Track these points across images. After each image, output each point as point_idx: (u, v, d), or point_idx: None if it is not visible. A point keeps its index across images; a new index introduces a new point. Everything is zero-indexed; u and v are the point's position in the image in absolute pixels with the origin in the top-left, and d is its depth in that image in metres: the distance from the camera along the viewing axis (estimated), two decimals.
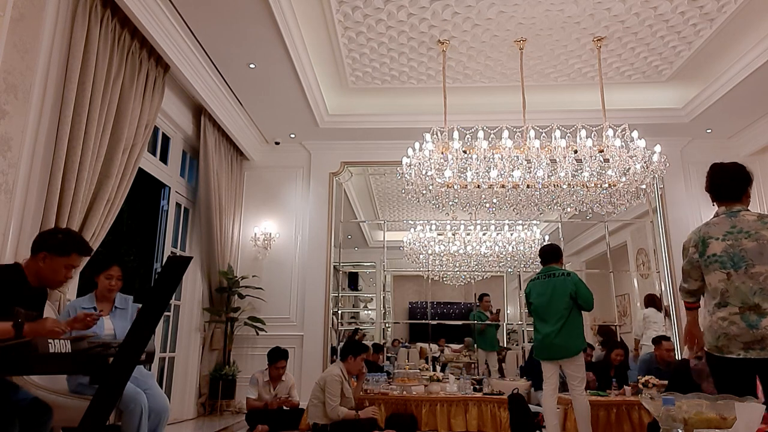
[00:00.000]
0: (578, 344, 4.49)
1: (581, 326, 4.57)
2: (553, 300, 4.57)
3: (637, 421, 4.83)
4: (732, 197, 2.79)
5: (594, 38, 5.51)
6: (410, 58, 5.90)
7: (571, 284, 4.54)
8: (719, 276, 2.67)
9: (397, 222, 9.15)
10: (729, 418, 1.81)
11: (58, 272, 2.56)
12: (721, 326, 2.62)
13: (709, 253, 2.72)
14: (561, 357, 4.50)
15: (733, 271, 2.63)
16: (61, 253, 2.56)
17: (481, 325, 8.00)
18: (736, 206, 2.77)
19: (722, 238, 2.69)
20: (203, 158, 6.19)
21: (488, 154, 5.04)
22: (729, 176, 2.82)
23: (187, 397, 6.09)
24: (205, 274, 6.46)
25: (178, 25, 4.77)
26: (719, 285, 2.67)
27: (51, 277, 2.57)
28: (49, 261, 2.55)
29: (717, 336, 2.64)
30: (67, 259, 2.57)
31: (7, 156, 3.30)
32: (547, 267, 4.79)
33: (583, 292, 4.52)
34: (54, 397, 2.97)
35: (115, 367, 2.21)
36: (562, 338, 4.47)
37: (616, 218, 7.40)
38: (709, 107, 6.37)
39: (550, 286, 4.63)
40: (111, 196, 4.18)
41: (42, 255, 2.55)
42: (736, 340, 2.57)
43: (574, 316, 4.52)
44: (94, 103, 3.90)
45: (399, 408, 5.27)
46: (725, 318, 2.62)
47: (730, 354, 2.59)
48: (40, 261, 2.55)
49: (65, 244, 2.58)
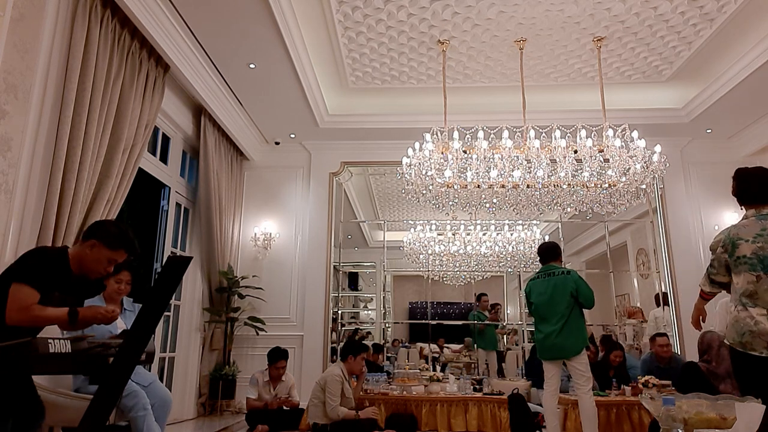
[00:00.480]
0: (580, 343, 4.47)
1: (583, 324, 4.55)
2: (554, 299, 4.54)
3: (637, 421, 4.83)
4: (761, 200, 2.85)
5: (594, 38, 5.51)
6: (410, 58, 5.90)
7: (572, 282, 4.52)
8: (748, 278, 2.72)
9: (397, 222, 9.14)
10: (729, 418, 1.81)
11: (100, 263, 2.56)
12: (748, 324, 2.66)
13: (739, 254, 2.76)
14: (563, 356, 4.48)
15: (762, 273, 2.68)
16: (111, 246, 2.56)
17: (480, 325, 7.99)
18: (765, 209, 2.82)
19: (752, 241, 2.74)
20: (203, 158, 6.19)
21: (488, 154, 5.04)
22: (757, 180, 2.88)
23: (187, 397, 6.09)
24: (205, 274, 6.46)
25: (178, 25, 4.77)
26: (748, 286, 2.72)
27: (93, 266, 2.57)
28: (97, 250, 2.55)
29: (742, 333, 2.67)
30: (113, 253, 2.58)
31: (7, 156, 3.30)
32: (546, 265, 4.76)
33: (584, 289, 4.50)
34: (54, 397, 2.97)
35: (116, 367, 2.21)
36: (563, 337, 4.45)
37: (616, 218, 7.40)
38: (709, 107, 6.37)
39: (551, 285, 4.60)
40: (111, 196, 4.18)
41: (91, 242, 2.55)
42: (760, 338, 2.61)
43: (575, 314, 4.50)
44: (94, 103, 3.90)
45: (399, 408, 5.27)
46: (752, 317, 2.66)
47: (753, 351, 2.63)
48: (88, 248, 2.55)
49: (118, 238, 2.59)
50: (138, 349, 2.24)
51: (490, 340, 8.05)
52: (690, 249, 6.97)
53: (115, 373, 2.19)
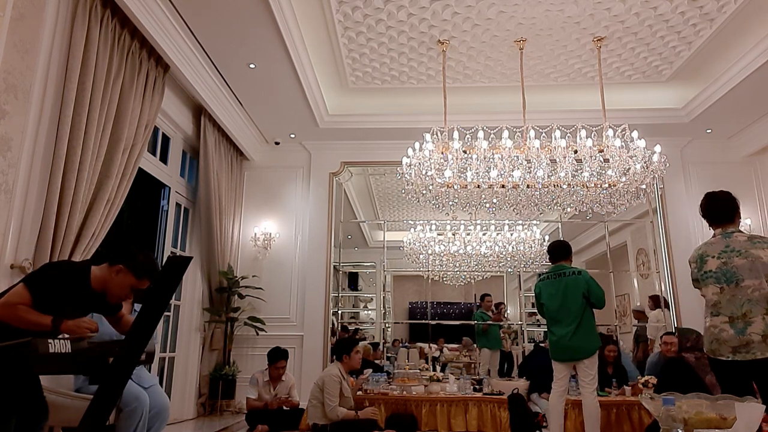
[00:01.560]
0: (595, 343, 4.44)
1: (594, 325, 4.51)
2: (567, 300, 4.47)
3: (637, 421, 4.83)
4: (725, 221, 3.23)
5: (594, 38, 5.51)
6: (410, 58, 5.90)
7: (583, 283, 4.47)
8: (713, 289, 3.10)
9: (397, 222, 9.14)
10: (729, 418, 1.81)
11: (124, 289, 2.60)
12: (713, 333, 3.05)
13: (706, 269, 3.15)
14: (579, 358, 4.43)
15: (725, 285, 3.05)
16: (138, 276, 2.59)
17: (484, 326, 7.98)
18: (729, 228, 3.21)
19: (717, 256, 3.12)
20: (203, 158, 6.19)
21: (488, 154, 5.03)
22: (722, 204, 3.25)
23: (187, 397, 6.09)
24: (205, 274, 6.46)
25: (178, 25, 4.77)
26: (713, 297, 3.10)
27: (116, 291, 2.60)
28: (122, 276, 2.58)
29: (710, 341, 3.07)
30: (138, 282, 2.60)
31: (7, 156, 3.30)
32: (556, 265, 4.68)
33: (596, 290, 4.46)
34: (54, 397, 2.97)
35: (115, 367, 2.21)
36: (578, 339, 4.40)
37: (616, 218, 7.39)
38: (709, 107, 6.37)
39: (562, 286, 4.53)
40: (111, 196, 4.18)
41: (118, 268, 2.58)
42: (725, 344, 2.98)
43: (587, 315, 4.45)
44: (94, 103, 3.90)
45: (399, 408, 5.27)
46: (716, 326, 3.05)
47: (721, 356, 3.00)
48: (114, 273, 2.58)
49: (145, 268, 2.61)
50: (138, 349, 2.24)
51: (495, 340, 8.04)
52: (690, 249, 6.82)
53: (115, 373, 2.19)
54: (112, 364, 2.23)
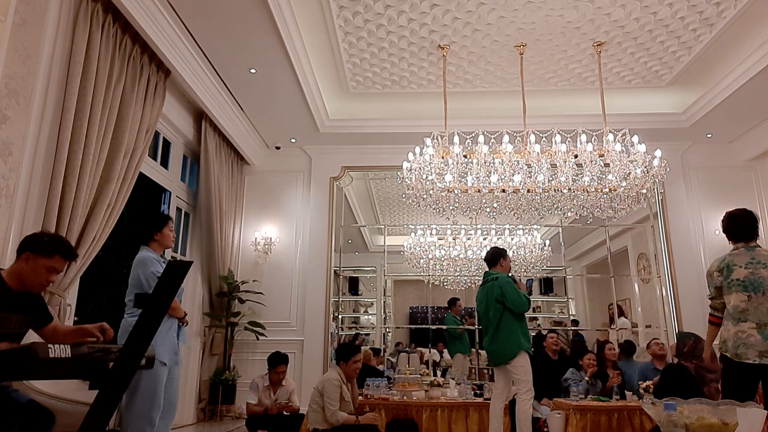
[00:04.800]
0: (513, 348, 4.44)
1: (516, 329, 4.49)
2: (487, 307, 4.61)
3: (639, 426, 4.81)
4: (748, 238, 3.50)
5: (594, 43, 5.52)
6: (411, 63, 5.91)
7: (497, 288, 4.52)
8: (741, 297, 3.34)
9: (398, 226, 9.15)
10: (731, 423, 1.81)
11: (39, 273, 2.54)
12: (741, 337, 3.28)
13: (733, 278, 3.39)
14: (501, 362, 4.53)
15: (753, 294, 3.31)
16: (45, 254, 2.54)
17: (459, 330, 7.92)
18: (751, 243, 3.48)
19: (745, 267, 3.37)
20: (204, 163, 6.20)
21: (489, 159, 5.03)
22: (745, 222, 3.52)
23: (187, 402, 6.07)
24: (206, 279, 6.46)
25: (179, 30, 4.79)
26: (740, 304, 3.33)
27: (31, 277, 2.54)
28: (32, 261, 2.53)
29: (737, 345, 3.28)
30: (49, 261, 2.55)
31: (8, 161, 3.31)
32: (485, 272, 4.81)
33: (510, 294, 4.46)
34: (53, 402, 2.96)
35: (115, 372, 2.20)
36: (496, 344, 4.52)
37: (617, 223, 7.39)
38: (709, 112, 6.37)
39: (485, 293, 4.66)
40: (112, 201, 4.18)
41: (25, 255, 2.54)
42: (753, 348, 3.22)
43: (505, 320, 4.48)
44: (95, 108, 3.91)
45: (399, 413, 5.24)
46: (744, 331, 3.27)
47: (747, 359, 3.22)
48: (23, 261, 2.54)
49: (50, 245, 2.57)
50: (138, 353, 2.23)
51: (468, 345, 7.97)
52: (690, 253, 6.96)
53: (114, 379, 2.18)
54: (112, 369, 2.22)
